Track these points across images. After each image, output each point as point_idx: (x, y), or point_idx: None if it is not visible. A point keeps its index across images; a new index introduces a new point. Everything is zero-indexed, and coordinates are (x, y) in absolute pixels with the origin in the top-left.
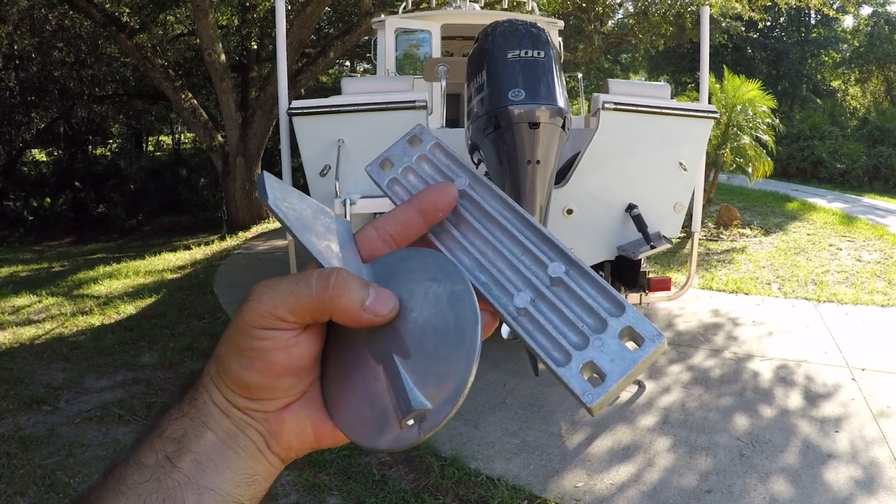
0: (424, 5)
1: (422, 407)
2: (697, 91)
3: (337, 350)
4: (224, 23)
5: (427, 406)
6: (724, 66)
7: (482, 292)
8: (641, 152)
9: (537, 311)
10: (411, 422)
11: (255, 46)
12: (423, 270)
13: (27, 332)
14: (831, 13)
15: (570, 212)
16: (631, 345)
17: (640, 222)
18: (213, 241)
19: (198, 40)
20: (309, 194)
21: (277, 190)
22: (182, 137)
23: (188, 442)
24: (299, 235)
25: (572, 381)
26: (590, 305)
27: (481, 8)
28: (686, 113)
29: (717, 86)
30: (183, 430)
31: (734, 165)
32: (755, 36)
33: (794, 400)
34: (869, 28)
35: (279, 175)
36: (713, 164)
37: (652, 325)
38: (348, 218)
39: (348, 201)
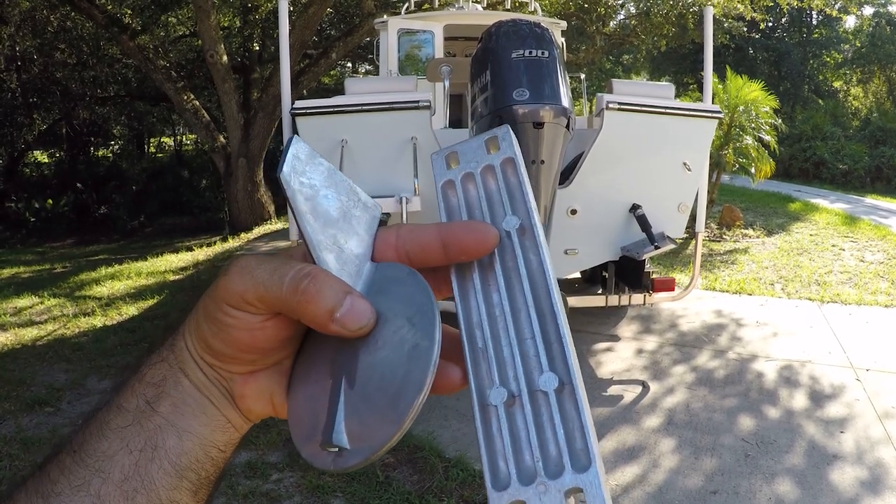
0: (427, 6)
1: (340, 444)
2: (700, 91)
3: (314, 340)
4: (226, 24)
5: (344, 446)
6: (727, 67)
7: (466, 357)
8: (645, 152)
9: (504, 416)
10: (331, 448)
11: (257, 48)
12: (407, 304)
13: (29, 334)
14: (833, 13)
15: (573, 212)
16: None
17: (644, 222)
18: (215, 243)
19: (200, 41)
20: None
21: (302, 161)
22: (184, 139)
23: (167, 386)
24: (300, 218)
25: None
26: (558, 442)
27: (484, 9)
28: (690, 113)
29: (720, 86)
30: (162, 375)
31: (737, 166)
32: (757, 37)
33: (799, 401)
34: (871, 28)
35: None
36: (716, 164)
37: (606, 499)
38: None
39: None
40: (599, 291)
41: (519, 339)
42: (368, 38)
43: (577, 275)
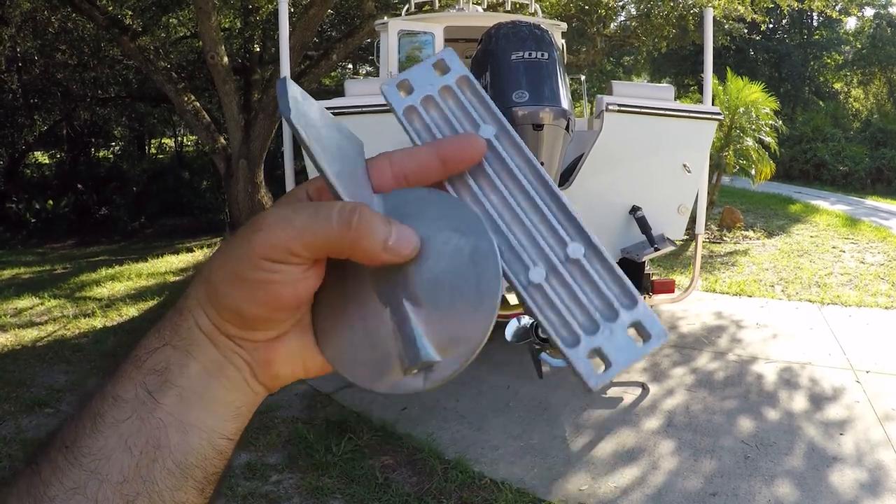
0: (427, 8)
1: (430, 359)
2: (700, 93)
3: (336, 283)
4: (227, 25)
5: (436, 359)
6: (728, 69)
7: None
8: (645, 154)
9: (550, 288)
10: (416, 371)
11: (258, 49)
12: (445, 218)
13: (29, 335)
14: (834, 15)
15: None
16: (635, 335)
17: (643, 224)
18: (215, 244)
19: (200, 43)
20: None
21: (299, 102)
22: (184, 140)
23: (171, 375)
24: (317, 157)
25: (579, 364)
26: (603, 293)
27: (484, 10)
28: (690, 115)
29: (720, 88)
30: (165, 362)
31: (737, 167)
32: (758, 38)
33: (799, 402)
34: (871, 30)
35: (282, 179)
36: (716, 166)
37: (660, 322)
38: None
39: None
40: None
41: (534, 223)
42: (369, 40)
43: None
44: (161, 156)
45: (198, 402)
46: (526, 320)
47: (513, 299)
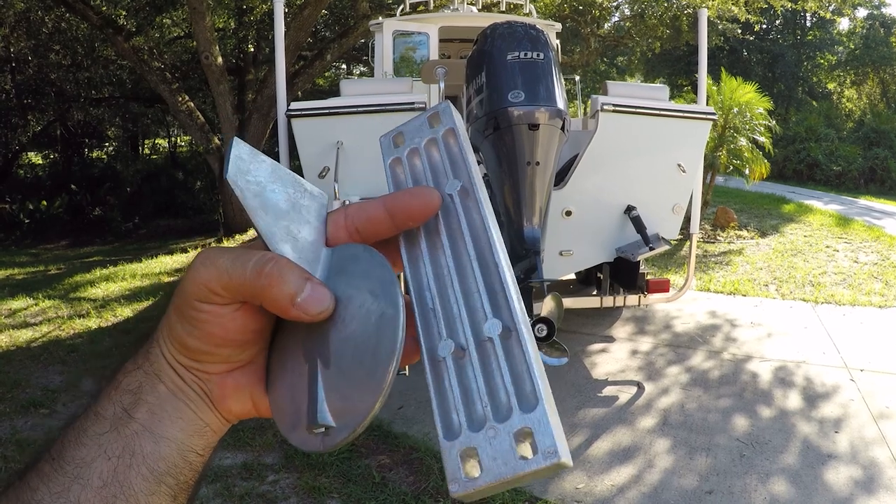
0: (422, 8)
1: (325, 423)
2: (694, 93)
3: (283, 334)
4: (221, 25)
5: (330, 423)
6: (722, 69)
7: (417, 319)
8: (640, 154)
9: (453, 367)
10: (317, 430)
11: (252, 49)
12: (367, 279)
13: (24, 335)
14: (827, 16)
15: (568, 213)
16: (524, 449)
17: (638, 224)
18: (209, 244)
19: (195, 43)
20: None
21: (245, 161)
22: (178, 140)
23: (143, 393)
24: (251, 214)
25: (448, 461)
26: (506, 387)
27: (479, 10)
28: (684, 115)
29: (714, 88)
30: (138, 383)
31: (731, 167)
32: (751, 38)
33: (794, 401)
34: (864, 30)
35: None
36: (710, 166)
37: (555, 439)
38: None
39: (347, 202)
40: (594, 292)
41: (465, 293)
42: (363, 40)
43: (573, 276)
44: (155, 156)
45: (167, 417)
46: None
47: None
